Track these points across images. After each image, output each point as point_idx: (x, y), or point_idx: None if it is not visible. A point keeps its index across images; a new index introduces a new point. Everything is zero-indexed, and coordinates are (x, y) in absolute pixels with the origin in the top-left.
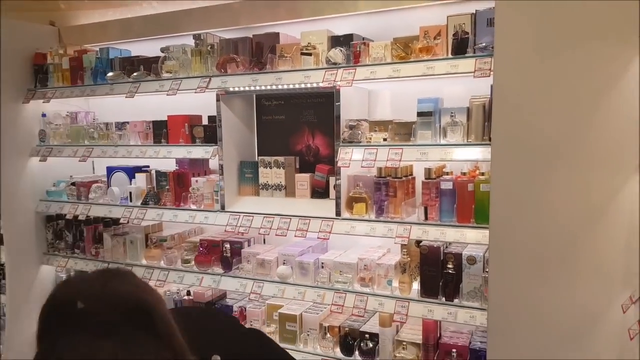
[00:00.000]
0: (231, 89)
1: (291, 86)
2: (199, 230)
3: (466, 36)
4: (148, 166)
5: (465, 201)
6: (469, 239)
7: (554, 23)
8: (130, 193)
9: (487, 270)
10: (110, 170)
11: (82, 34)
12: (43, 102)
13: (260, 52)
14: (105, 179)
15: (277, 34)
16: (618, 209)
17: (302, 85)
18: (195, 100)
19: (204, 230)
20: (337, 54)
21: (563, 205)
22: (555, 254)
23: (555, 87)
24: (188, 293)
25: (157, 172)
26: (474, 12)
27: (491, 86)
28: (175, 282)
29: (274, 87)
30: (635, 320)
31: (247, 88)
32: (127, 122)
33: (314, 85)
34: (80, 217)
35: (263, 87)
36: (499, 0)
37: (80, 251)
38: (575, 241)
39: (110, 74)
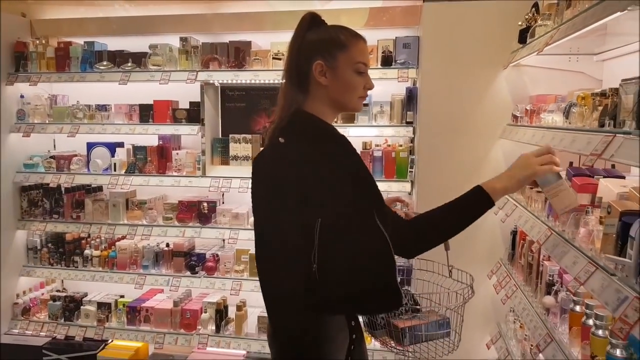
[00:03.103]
0: (216, 82)
1: (266, 81)
2: (164, 197)
3: (390, 54)
4: (123, 143)
5: (390, 164)
6: (393, 189)
7: (456, 48)
8: (115, 164)
9: (404, 209)
10: (91, 146)
11: (56, 27)
12: (29, 85)
13: (238, 55)
14: (81, 154)
15: (250, 42)
16: (490, 159)
17: (275, 81)
18: (160, 89)
19: (167, 197)
20: None
21: (459, 159)
22: (455, 187)
23: (455, 87)
24: (167, 245)
25: (135, 147)
26: (395, 38)
27: (406, 88)
28: (160, 236)
29: (252, 81)
30: (504, 217)
31: (229, 81)
32: (107, 105)
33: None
34: (65, 186)
35: (244, 81)
36: (424, 31)
37: (59, 216)
38: (466, 178)
39: (104, 62)
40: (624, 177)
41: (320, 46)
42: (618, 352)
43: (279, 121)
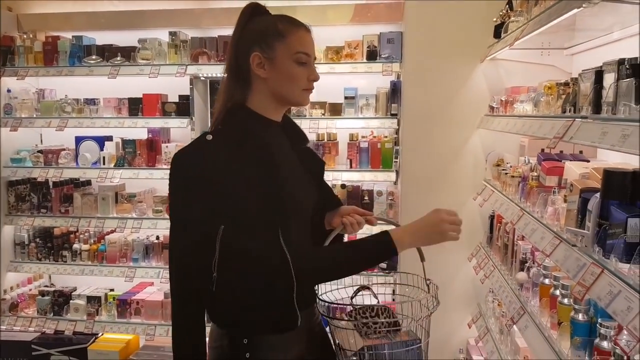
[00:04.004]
0: (202, 76)
1: None
2: (154, 190)
3: (375, 49)
4: (112, 136)
5: (376, 154)
6: (379, 179)
7: (437, 43)
8: (104, 157)
9: (390, 198)
10: (79, 140)
11: (43, 21)
12: (17, 79)
13: (226, 49)
14: (69, 148)
15: None
16: (468, 146)
17: None
18: (150, 83)
19: (157, 190)
20: None
21: (440, 149)
22: (437, 175)
23: (436, 80)
24: (157, 238)
25: (124, 140)
26: (379, 33)
27: (390, 81)
28: (150, 228)
29: None
30: (482, 202)
31: (218, 75)
32: (96, 99)
33: None
34: (53, 180)
35: None
36: (407, 26)
37: (47, 210)
38: (447, 166)
39: (93, 56)
40: (588, 161)
41: (258, 37)
42: (580, 317)
43: (216, 117)
